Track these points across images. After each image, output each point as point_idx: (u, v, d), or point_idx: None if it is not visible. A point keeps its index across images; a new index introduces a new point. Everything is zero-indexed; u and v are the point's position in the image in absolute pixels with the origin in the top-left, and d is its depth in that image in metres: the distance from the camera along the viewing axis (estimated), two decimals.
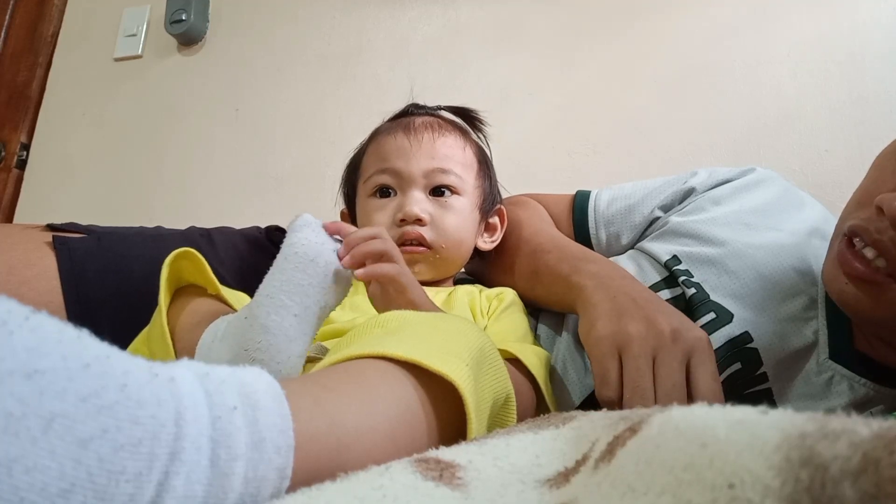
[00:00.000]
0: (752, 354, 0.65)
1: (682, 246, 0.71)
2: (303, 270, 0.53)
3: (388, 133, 0.81)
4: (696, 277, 0.68)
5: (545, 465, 0.33)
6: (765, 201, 0.74)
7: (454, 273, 0.84)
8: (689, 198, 0.78)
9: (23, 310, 0.25)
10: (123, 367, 0.26)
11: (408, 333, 0.45)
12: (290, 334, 0.51)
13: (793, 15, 1.19)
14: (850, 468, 0.20)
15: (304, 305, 0.52)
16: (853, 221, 0.57)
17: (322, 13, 1.55)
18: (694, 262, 0.69)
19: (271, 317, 0.50)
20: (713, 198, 0.76)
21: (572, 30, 1.33)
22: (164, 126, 1.60)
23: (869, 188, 0.59)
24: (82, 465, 0.23)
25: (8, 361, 0.23)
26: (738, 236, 0.70)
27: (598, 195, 0.85)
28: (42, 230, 0.79)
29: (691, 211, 0.75)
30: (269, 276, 0.53)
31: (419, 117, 0.83)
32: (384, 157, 0.79)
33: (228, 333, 0.52)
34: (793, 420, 0.23)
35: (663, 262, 0.71)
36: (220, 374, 0.31)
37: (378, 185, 0.78)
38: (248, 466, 0.29)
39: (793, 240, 0.69)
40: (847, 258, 0.57)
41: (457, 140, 0.82)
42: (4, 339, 0.23)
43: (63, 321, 0.26)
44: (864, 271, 0.55)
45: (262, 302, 0.51)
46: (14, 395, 0.22)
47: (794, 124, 1.14)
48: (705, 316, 0.66)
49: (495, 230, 0.86)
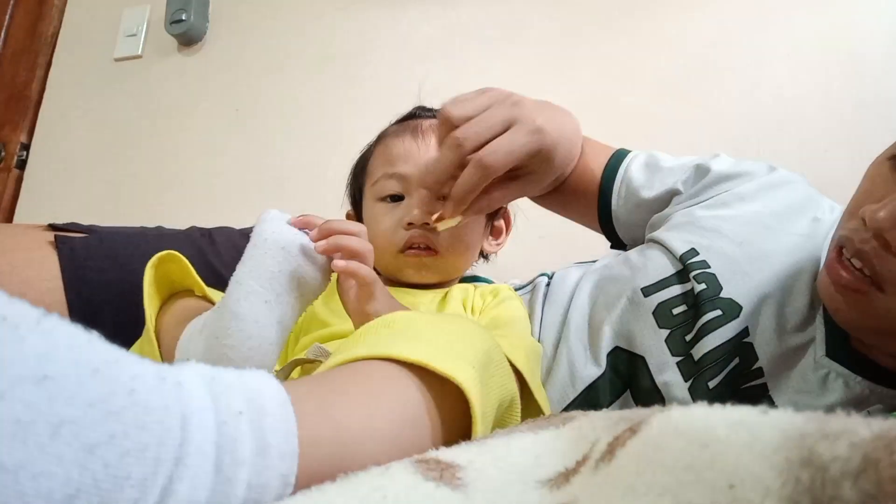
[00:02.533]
0: (748, 349, 0.65)
1: (701, 238, 0.72)
2: (272, 257, 0.52)
3: (396, 136, 0.81)
4: (712, 268, 0.68)
5: (545, 466, 0.33)
6: (787, 205, 0.74)
7: (458, 277, 0.84)
8: (704, 179, 0.78)
9: (34, 312, 0.24)
10: (132, 372, 0.26)
11: (414, 335, 0.45)
12: (261, 321, 0.50)
13: (793, 15, 1.19)
14: (851, 469, 0.20)
15: (276, 292, 0.52)
16: (842, 232, 0.59)
17: (322, 13, 1.55)
18: (712, 255, 0.69)
19: (240, 303, 0.50)
20: (739, 194, 0.75)
21: (572, 30, 1.33)
22: (164, 126, 1.60)
23: (858, 199, 0.60)
24: (88, 470, 0.23)
25: (19, 367, 0.23)
26: (756, 238, 0.70)
27: (635, 157, 0.84)
28: (44, 230, 0.79)
29: (715, 205, 0.75)
30: (240, 264, 0.53)
31: (426, 120, 0.83)
32: (392, 161, 0.79)
33: (207, 324, 0.52)
34: (793, 420, 0.23)
35: (679, 255, 0.71)
36: (226, 378, 0.31)
37: (386, 193, 0.78)
38: (251, 472, 0.29)
39: (806, 243, 0.70)
40: (835, 267, 0.58)
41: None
42: (16, 343, 0.23)
43: (74, 324, 0.26)
44: (849, 279, 0.56)
45: (232, 289, 0.51)
46: (23, 401, 0.22)
47: (794, 124, 1.14)
48: (711, 313, 0.66)
49: (500, 233, 0.87)
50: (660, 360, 0.67)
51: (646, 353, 0.68)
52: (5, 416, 0.22)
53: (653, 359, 0.67)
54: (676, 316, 0.68)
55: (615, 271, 0.76)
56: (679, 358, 0.67)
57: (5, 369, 0.22)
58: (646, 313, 0.69)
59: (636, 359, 0.69)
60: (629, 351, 0.69)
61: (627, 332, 0.70)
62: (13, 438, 0.22)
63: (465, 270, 0.84)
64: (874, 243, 0.54)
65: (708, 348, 0.65)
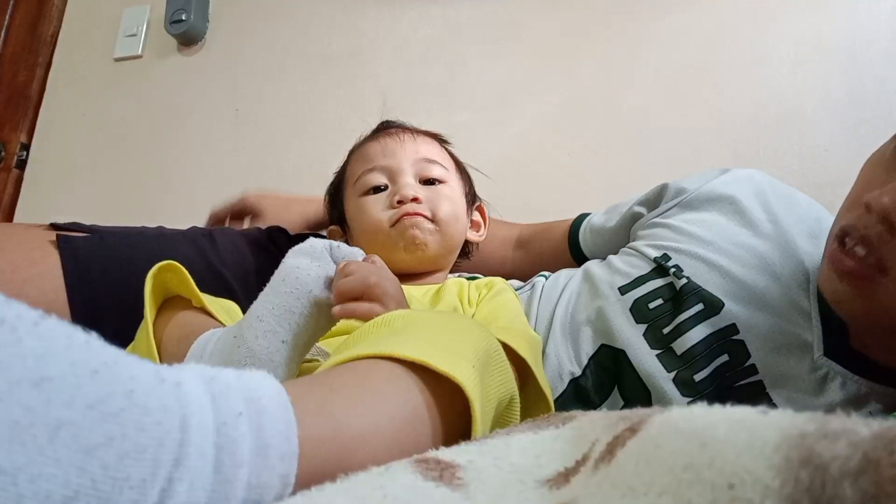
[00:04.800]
0: (738, 346, 0.66)
1: (670, 242, 0.73)
2: (297, 298, 0.52)
3: (370, 140, 0.85)
4: (686, 271, 0.69)
5: (545, 465, 0.33)
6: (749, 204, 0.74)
7: (448, 264, 0.85)
8: (664, 195, 0.80)
9: (32, 314, 0.24)
10: (130, 373, 0.26)
11: (414, 333, 0.44)
12: (276, 360, 0.50)
13: (793, 14, 1.19)
14: (850, 468, 0.20)
15: (294, 333, 0.51)
16: (843, 222, 0.59)
17: (322, 13, 1.55)
18: (683, 257, 0.71)
19: (259, 341, 0.49)
20: (700, 196, 0.77)
21: (572, 30, 1.33)
22: (164, 126, 1.60)
23: (858, 191, 0.61)
24: (87, 472, 0.23)
25: (16, 369, 0.23)
26: (723, 235, 0.71)
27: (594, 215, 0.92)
28: (45, 229, 0.79)
29: (675, 213, 0.77)
30: (263, 296, 0.52)
31: (394, 128, 0.87)
32: (370, 158, 0.81)
33: (216, 350, 0.51)
34: (792, 420, 0.23)
35: (653, 259, 0.73)
36: (226, 378, 0.31)
37: (369, 186, 0.80)
38: (251, 473, 0.28)
39: (782, 238, 0.70)
40: (838, 257, 0.58)
41: (433, 142, 0.87)
42: (14, 346, 0.23)
43: (72, 325, 0.25)
44: (856, 267, 0.56)
45: (252, 324, 0.50)
46: (21, 403, 0.22)
47: (794, 124, 1.14)
48: (693, 307, 0.67)
49: (479, 226, 0.91)
50: (639, 354, 0.69)
51: (626, 346, 0.70)
52: (3, 418, 0.22)
53: (632, 351, 0.69)
54: (653, 310, 0.70)
55: (596, 271, 0.78)
56: (658, 351, 0.68)
57: (3, 372, 0.22)
58: (623, 309, 0.71)
59: (619, 353, 0.70)
60: (612, 347, 0.71)
61: (607, 329, 0.71)
62: (11, 441, 0.22)
63: (457, 249, 0.85)
64: (880, 228, 0.55)
65: (692, 342, 0.66)
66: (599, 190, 1.19)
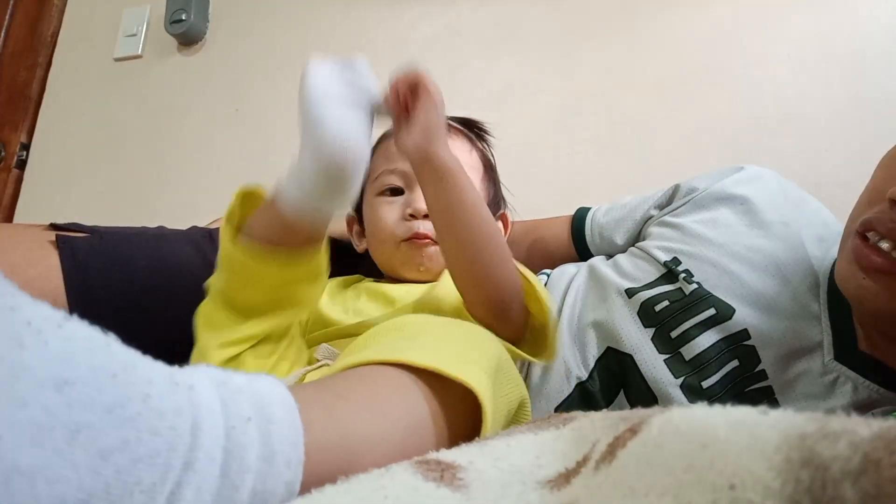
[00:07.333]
0: (749, 351, 0.65)
1: (680, 244, 0.72)
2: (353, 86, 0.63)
3: None
4: (696, 277, 0.68)
5: (546, 466, 0.33)
6: (761, 205, 0.74)
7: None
8: (676, 194, 0.79)
9: (56, 316, 0.24)
10: (147, 377, 0.26)
11: (425, 339, 0.44)
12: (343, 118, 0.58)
13: (793, 15, 1.19)
14: (851, 468, 0.20)
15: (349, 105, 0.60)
16: (866, 216, 0.57)
17: (322, 13, 1.55)
18: (694, 262, 0.70)
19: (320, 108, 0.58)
20: (712, 195, 0.76)
21: (572, 30, 1.33)
22: (164, 126, 1.60)
23: (878, 186, 0.59)
24: (101, 476, 0.23)
25: (40, 371, 0.23)
26: (734, 237, 0.70)
27: (597, 208, 0.88)
28: (45, 229, 0.79)
29: (686, 212, 0.76)
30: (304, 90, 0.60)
31: None
32: (393, 158, 0.79)
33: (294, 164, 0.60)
34: (793, 421, 0.23)
35: (662, 262, 0.71)
36: (237, 382, 0.31)
37: (387, 186, 0.78)
38: (257, 479, 0.29)
39: (793, 240, 0.69)
40: (864, 253, 0.56)
41: (463, 143, 0.83)
42: (39, 348, 0.23)
43: (92, 327, 0.26)
44: (883, 263, 0.55)
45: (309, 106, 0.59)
46: (43, 406, 0.22)
47: (794, 124, 1.14)
48: (705, 312, 0.66)
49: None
50: (647, 359, 0.68)
51: (633, 351, 0.69)
52: (26, 420, 0.22)
53: (640, 356, 0.68)
54: (660, 313, 0.69)
55: (603, 271, 0.76)
56: (666, 356, 0.67)
57: (29, 374, 0.22)
58: (631, 313, 0.70)
59: (626, 357, 0.69)
60: (619, 351, 0.70)
61: (615, 332, 0.70)
62: (32, 443, 0.22)
63: None
64: None
65: (700, 348, 0.65)
66: (599, 190, 1.18)
